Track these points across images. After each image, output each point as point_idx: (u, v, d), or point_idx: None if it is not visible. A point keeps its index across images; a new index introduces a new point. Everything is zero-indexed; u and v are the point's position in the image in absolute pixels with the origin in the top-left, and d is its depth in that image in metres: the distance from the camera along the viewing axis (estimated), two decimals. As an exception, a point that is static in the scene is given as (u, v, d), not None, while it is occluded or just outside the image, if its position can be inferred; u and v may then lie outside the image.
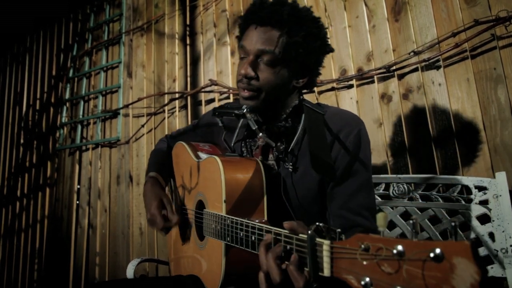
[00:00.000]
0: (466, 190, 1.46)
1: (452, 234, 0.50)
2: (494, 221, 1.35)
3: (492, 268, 1.34)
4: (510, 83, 1.52)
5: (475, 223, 1.39)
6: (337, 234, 0.65)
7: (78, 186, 3.13)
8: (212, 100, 2.47)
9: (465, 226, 1.43)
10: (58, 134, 3.35)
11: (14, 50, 4.15)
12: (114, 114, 2.96)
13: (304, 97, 1.20)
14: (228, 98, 2.38)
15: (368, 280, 0.55)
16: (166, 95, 2.68)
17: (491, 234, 1.36)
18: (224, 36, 2.48)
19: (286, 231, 0.76)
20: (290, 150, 1.11)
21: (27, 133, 3.70)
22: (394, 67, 1.79)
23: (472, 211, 1.40)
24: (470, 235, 1.39)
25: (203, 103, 2.52)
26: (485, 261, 1.34)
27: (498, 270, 1.33)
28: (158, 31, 2.87)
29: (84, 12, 3.45)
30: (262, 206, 1.03)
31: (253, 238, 0.87)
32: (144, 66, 2.89)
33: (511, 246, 1.31)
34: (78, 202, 3.11)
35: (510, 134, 1.50)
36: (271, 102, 1.10)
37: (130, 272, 1.58)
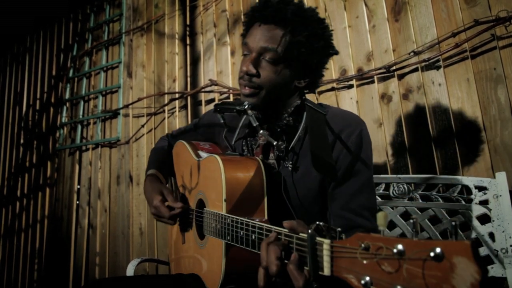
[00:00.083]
0: (466, 190, 1.46)
1: (452, 234, 0.50)
2: (494, 221, 1.35)
3: (492, 268, 1.34)
4: (510, 83, 1.52)
5: (475, 223, 1.39)
6: (337, 233, 0.65)
7: (78, 186, 3.13)
8: (212, 100, 2.47)
9: (465, 226, 1.43)
10: (58, 134, 3.35)
11: (14, 50, 4.15)
12: (114, 114, 2.96)
13: (306, 97, 1.20)
14: (228, 98, 2.38)
15: (368, 279, 0.55)
16: (166, 95, 2.68)
17: (491, 234, 1.36)
18: (224, 36, 2.48)
19: (286, 230, 0.76)
20: (291, 149, 1.11)
21: (27, 133, 3.70)
22: (394, 67, 1.79)
23: (472, 211, 1.40)
24: (471, 235, 1.39)
25: (203, 103, 2.52)
26: (485, 261, 1.34)
27: (498, 270, 1.33)
28: (158, 31, 2.87)
29: (84, 12, 3.45)
30: (262, 205, 1.03)
31: (253, 237, 0.87)
32: (144, 66, 2.89)
33: (511, 246, 1.31)
34: (78, 202, 3.11)
35: (510, 134, 1.50)
36: (272, 100, 1.10)
37: (130, 272, 1.58)
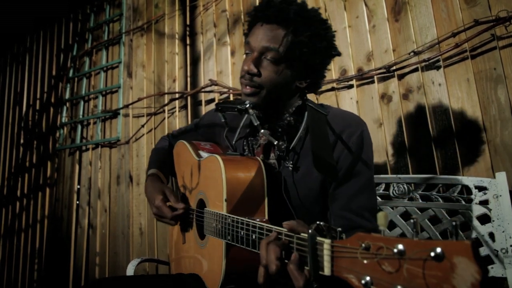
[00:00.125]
0: (466, 190, 1.46)
1: (453, 234, 0.50)
2: (494, 221, 1.35)
3: (492, 268, 1.34)
4: (510, 83, 1.52)
5: (475, 223, 1.39)
6: (337, 233, 0.65)
7: (78, 186, 3.13)
8: (212, 100, 2.47)
9: (465, 226, 1.43)
10: (58, 134, 3.35)
11: (14, 50, 4.15)
12: (114, 114, 2.96)
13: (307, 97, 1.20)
14: (228, 98, 2.38)
15: (368, 279, 0.55)
16: (166, 95, 2.68)
17: (491, 234, 1.36)
18: (224, 36, 2.48)
19: (287, 230, 0.76)
20: (291, 148, 1.11)
21: (27, 133, 3.70)
22: (394, 67, 1.79)
23: (472, 211, 1.40)
24: (471, 235, 1.39)
25: (203, 103, 2.52)
26: (485, 261, 1.34)
27: (498, 270, 1.33)
28: (158, 31, 2.87)
29: (84, 12, 3.45)
30: (263, 205, 1.03)
31: (253, 236, 0.87)
32: (144, 66, 2.89)
33: (511, 246, 1.31)
34: (78, 202, 3.11)
35: (510, 134, 1.50)
36: (273, 100, 1.10)
37: (130, 272, 1.58)
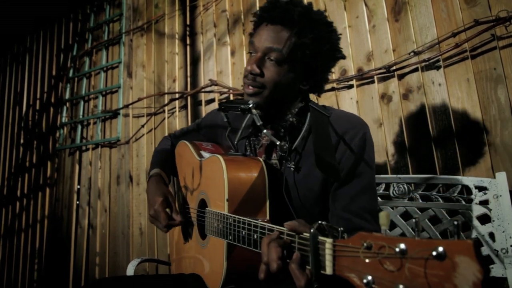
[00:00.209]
0: (466, 190, 1.46)
1: (454, 233, 0.50)
2: (494, 221, 1.35)
3: (492, 268, 1.34)
4: (510, 83, 1.52)
5: (476, 223, 1.39)
6: (339, 232, 0.65)
7: (78, 186, 3.13)
8: (212, 100, 2.47)
9: (465, 226, 1.43)
10: (58, 134, 3.35)
11: (14, 50, 4.15)
12: (114, 114, 2.96)
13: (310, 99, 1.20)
14: (228, 98, 2.38)
15: (370, 278, 0.55)
16: (166, 95, 2.68)
17: (492, 234, 1.36)
18: (224, 36, 2.48)
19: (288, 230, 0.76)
20: (293, 149, 1.11)
21: (27, 133, 3.70)
22: (394, 67, 1.79)
23: (472, 211, 1.40)
24: (471, 235, 1.39)
25: (203, 103, 2.52)
26: (485, 261, 1.34)
27: (498, 270, 1.33)
28: (158, 31, 2.87)
29: (84, 12, 3.45)
30: (264, 205, 1.03)
31: (255, 236, 0.87)
32: (144, 66, 2.89)
33: (511, 246, 1.31)
34: (78, 202, 3.11)
35: (510, 134, 1.50)
36: (275, 100, 1.10)
37: (130, 272, 1.59)
